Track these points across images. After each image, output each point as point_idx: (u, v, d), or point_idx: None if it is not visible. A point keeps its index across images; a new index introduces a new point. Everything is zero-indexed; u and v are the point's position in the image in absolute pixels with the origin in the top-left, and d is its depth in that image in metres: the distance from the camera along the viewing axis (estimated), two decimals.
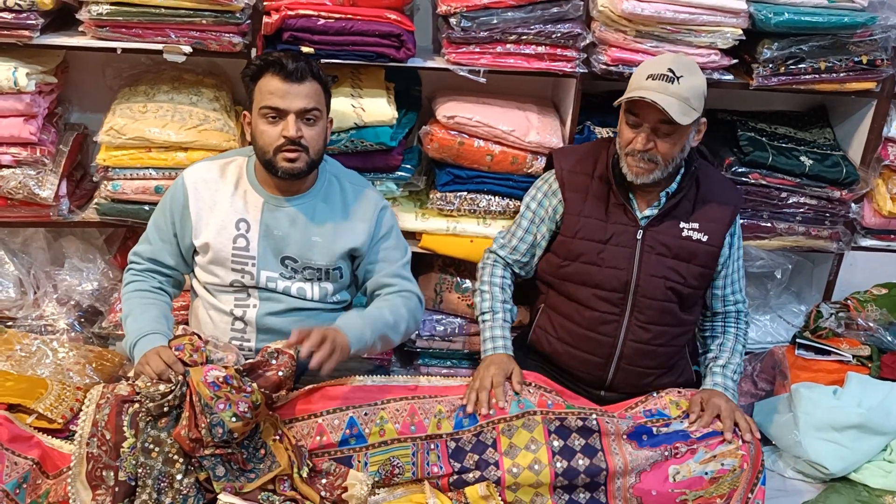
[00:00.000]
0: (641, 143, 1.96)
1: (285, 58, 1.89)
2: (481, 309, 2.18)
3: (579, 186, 2.12)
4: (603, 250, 2.07)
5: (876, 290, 2.71)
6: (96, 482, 1.73)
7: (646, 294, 2.07)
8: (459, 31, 2.27)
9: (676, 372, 2.17)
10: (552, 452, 1.90)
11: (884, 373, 2.49)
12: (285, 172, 1.92)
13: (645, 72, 1.96)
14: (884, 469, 2.29)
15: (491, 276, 2.21)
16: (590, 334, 2.11)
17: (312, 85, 1.91)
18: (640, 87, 1.94)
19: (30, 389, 1.99)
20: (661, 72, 1.93)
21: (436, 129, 2.40)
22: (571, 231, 2.10)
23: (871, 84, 2.47)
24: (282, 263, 2.01)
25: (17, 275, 2.56)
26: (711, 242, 2.08)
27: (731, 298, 2.20)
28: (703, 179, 2.12)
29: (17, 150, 2.30)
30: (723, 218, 2.09)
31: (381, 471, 1.88)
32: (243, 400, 1.74)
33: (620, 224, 2.08)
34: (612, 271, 2.07)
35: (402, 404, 1.91)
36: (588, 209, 2.09)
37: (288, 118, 1.89)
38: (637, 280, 2.06)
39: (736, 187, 2.31)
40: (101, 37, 2.23)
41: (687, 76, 1.94)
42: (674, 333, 2.12)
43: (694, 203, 2.09)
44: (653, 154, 1.97)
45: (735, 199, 2.14)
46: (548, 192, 2.17)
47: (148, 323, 1.93)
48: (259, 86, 1.91)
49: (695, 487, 1.91)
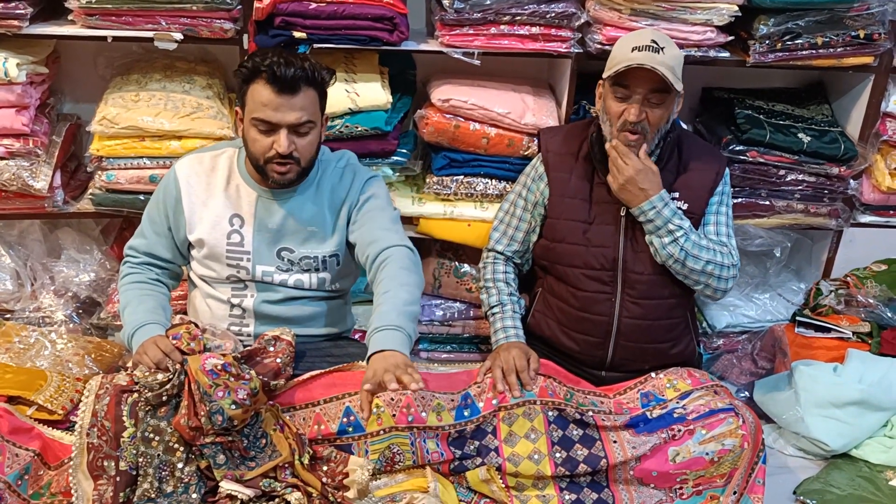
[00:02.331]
0: (635, 114, 1.95)
1: (278, 65, 1.77)
2: (489, 304, 2.17)
3: (564, 167, 2.12)
4: (588, 230, 2.08)
5: (875, 266, 2.71)
6: (98, 472, 1.74)
7: (634, 269, 2.07)
8: (453, 13, 2.25)
9: (678, 345, 2.16)
10: (551, 442, 1.90)
11: (884, 349, 2.49)
12: (276, 182, 1.91)
13: (628, 45, 1.96)
14: (884, 445, 2.29)
15: (493, 272, 2.21)
16: (584, 315, 2.11)
17: (307, 94, 1.83)
18: (628, 58, 1.93)
19: (29, 381, 1.99)
20: (645, 43, 1.93)
21: (431, 112, 2.39)
22: (557, 213, 2.11)
23: (868, 59, 2.45)
24: (278, 256, 2.00)
25: (13, 267, 2.56)
26: (693, 210, 2.07)
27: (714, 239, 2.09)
28: (684, 148, 2.11)
29: (9, 141, 2.29)
30: (704, 184, 2.08)
31: (382, 458, 1.88)
32: (242, 387, 1.74)
33: (604, 203, 2.07)
34: (599, 250, 2.07)
35: (396, 395, 1.90)
36: (572, 190, 2.10)
37: (280, 132, 1.83)
38: (624, 256, 2.06)
39: (719, 153, 2.32)
40: (90, 25, 2.21)
41: (668, 47, 1.96)
42: (669, 305, 2.11)
43: (676, 173, 2.08)
44: (644, 125, 1.97)
45: (717, 163, 2.12)
46: (535, 177, 2.17)
47: (145, 313, 1.93)
48: (251, 92, 1.83)
49: (695, 468, 1.91)
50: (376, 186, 2.04)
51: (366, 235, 1.97)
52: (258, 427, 1.81)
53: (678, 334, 2.16)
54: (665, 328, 2.13)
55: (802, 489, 2.17)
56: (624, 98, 1.97)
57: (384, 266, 1.90)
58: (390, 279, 1.87)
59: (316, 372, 1.93)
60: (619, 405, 2.00)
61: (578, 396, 1.99)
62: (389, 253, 1.91)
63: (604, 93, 2.04)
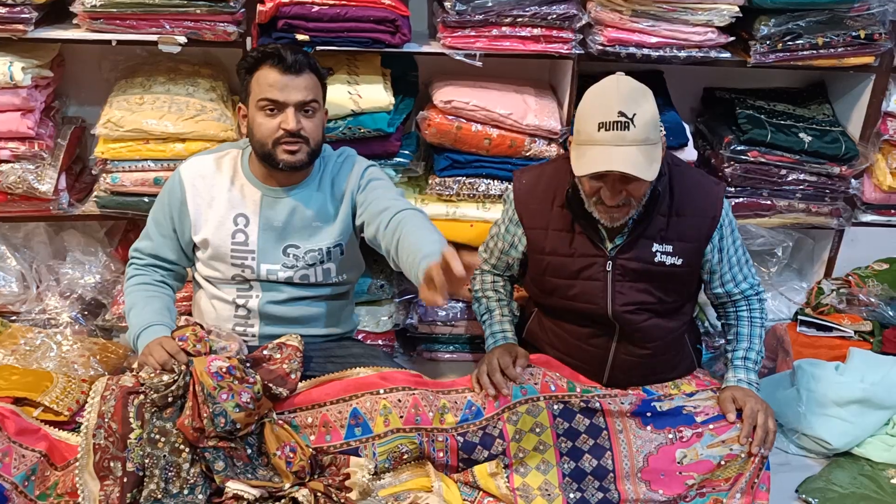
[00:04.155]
0: (611, 199, 1.78)
1: (283, 49, 1.89)
2: (479, 313, 2.15)
3: (539, 220, 1.98)
4: (574, 286, 1.96)
5: (877, 265, 2.72)
6: (104, 473, 1.75)
7: (627, 322, 1.96)
8: (454, 15, 2.26)
9: (678, 369, 2.10)
10: (556, 434, 1.91)
11: (886, 348, 2.50)
12: (286, 164, 1.92)
13: (593, 120, 1.75)
14: (886, 443, 2.30)
15: (482, 283, 2.18)
16: (581, 345, 2.04)
17: (310, 77, 1.90)
18: (594, 141, 1.74)
19: (35, 383, 2.00)
20: (611, 119, 1.72)
21: (433, 114, 2.40)
22: (539, 269, 2.01)
23: (869, 59, 2.45)
24: (283, 253, 2.01)
25: (19, 269, 2.57)
26: (688, 264, 1.94)
27: (735, 291, 2.06)
28: (677, 187, 1.92)
29: (15, 144, 2.30)
30: (699, 235, 1.93)
31: (390, 457, 1.89)
32: (246, 390, 1.75)
33: (588, 256, 1.93)
34: (588, 305, 1.96)
35: (404, 395, 1.91)
36: (551, 244, 1.96)
37: (287, 111, 1.88)
38: (615, 312, 1.95)
39: (716, 189, 1.98)
40: (95, 29, 2.22)
41: (639, 112, 1.73)
42: (667, 341, 2.03)
43: (668, 216, 1.91)
44: (626, 198, 1.81)
45: (713, 206, 1.93)
46: (510, 222, 2.05)
47: (151, 315, 1.94)
48: (256, 78, 1.90)
49: (702, 471, 1.91)
50: (376, 171, 2.06)
51: (375, 207, 1.94)
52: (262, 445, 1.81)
53: (679, 361, 2.11)
54: (661, 361, 2.05)
55: (805, 487, 2.18)
56: (597, 178, 1.79)
57: (403, 223, 1.83)
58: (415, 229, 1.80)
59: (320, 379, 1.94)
60: (623, 394, 2.00)
61: (580, 387, 2.00)
62: (404, 215, 1.86)
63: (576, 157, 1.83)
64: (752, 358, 2.06)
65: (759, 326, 2.09)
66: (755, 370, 2.05)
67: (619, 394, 1.99)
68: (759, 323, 2.09)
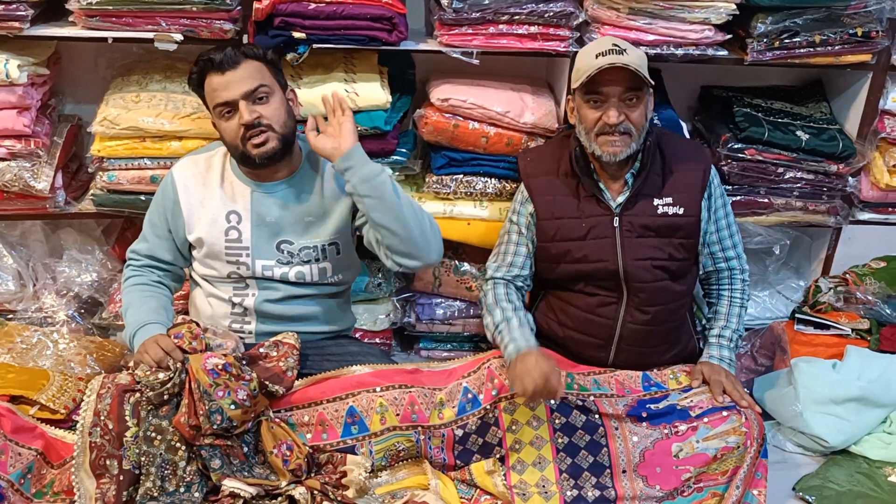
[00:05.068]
0: (615, 116, 1.94)
1: (213, 52, 1.90)
2: (494, 323, 2.03)
3: (546, 189, 2.09)
4: (584, 246, 2.05)
5: (874, 263, 2.72)
6: (100, 471, 1.75)
7: (636, 278, 2.04)
8: (451, 13, 2.26)
9: (678, 345, 2.16)
10: (553, 429, 1.91)
11: (883, 346, 2.50)
12: (261, 157, 1.91)
13: (591, 52, 1.97)
14: (883, 441, 2.30)
15: (494, 296, 2.09)
16: (590, 317, 2.09)
17: (249, 64, 1.90)
18: (595, 64, 1.92)
19: (31, 381, 2.00)
20: (607, 48, 1.94)
21: (430, 112, 2.40)
22: (548, 236, 2.08)
23: (866, 56, 2.45)
24: (277, 249, 2.01)
25: (15, 267, 2.57)
26: (689, 213, 2.06)
27: (720, 255, 2.17)
28: (666, 149, 2.09)
29: (11, 142, 2.30)
30: (693, 184, 2.07)
31: (387, 455, 1.90)
32: (242, 388, 1.75)
33: (595, 216, 2.05)
34: (599, 264, 2.04)
35: (399, 393, 1.91)
36: (559, 209, 2.07)
37: (239, 106, 1.88)
38: (625, 266, 2.03)
39: (702, 148, 2.27)
40: (91, 26, 2.22)
41: (630, 49, 1.96)
42: (671, 309, 2.11)
43: (663, 176, 2.07)
44: (626, 125, 1.95)
45: (702, 160, 2.10)
46: (522, 201, 2.15)
47: (147, 313, 1.94)
48: (205, 90, 1.93)
49: (699, 464, 1.92)
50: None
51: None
52: (259, 443, 1.81)
53: (679, 335, 2.17)
54: (667, 331, 2.12)
55: (801, 485, 2.18)
56: (599, 104, 1.96)
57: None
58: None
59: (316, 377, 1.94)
60: (620, 385, 2.01)
61: (579, 378, 2.00)
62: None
63: (576, 105, 2.03)
64: (726, 336, 2.13)
65: (739, 306, 2.18)
66: (729, 347, 2.12)
67: (616, 393, 1.99)
68: (739, 302, 2.18)
